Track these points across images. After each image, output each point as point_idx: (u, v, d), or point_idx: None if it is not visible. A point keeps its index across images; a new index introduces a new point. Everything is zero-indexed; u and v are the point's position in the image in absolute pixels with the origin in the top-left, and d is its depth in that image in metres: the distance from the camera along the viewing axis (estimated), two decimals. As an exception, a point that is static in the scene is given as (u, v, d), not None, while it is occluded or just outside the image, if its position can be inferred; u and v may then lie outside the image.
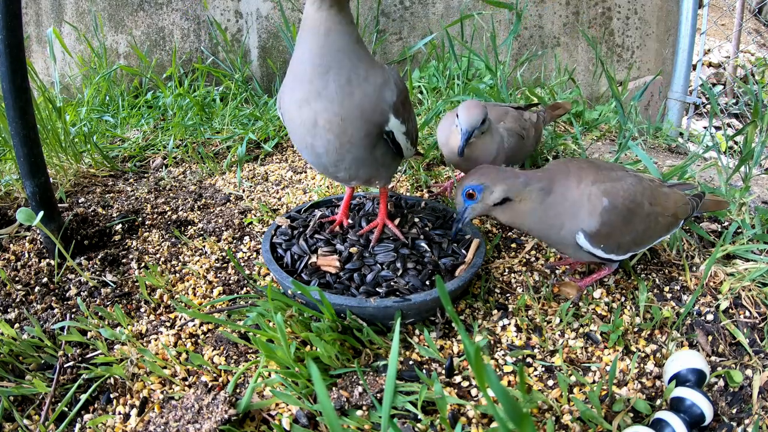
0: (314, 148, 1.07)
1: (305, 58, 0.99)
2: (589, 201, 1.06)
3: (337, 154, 1.06)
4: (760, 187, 1.75)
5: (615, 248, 1.09)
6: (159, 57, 2.72)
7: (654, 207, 1.11)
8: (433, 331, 1.09)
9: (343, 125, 1.02)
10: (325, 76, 0.99)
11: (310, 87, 1.00)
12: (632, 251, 1.12)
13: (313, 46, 0.98)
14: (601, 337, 1.10)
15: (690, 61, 2.94)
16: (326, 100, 1.00)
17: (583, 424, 0.91)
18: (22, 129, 1.17)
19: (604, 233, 1.06)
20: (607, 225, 1.06)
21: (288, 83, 1.05)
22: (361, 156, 1.08)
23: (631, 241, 1.10)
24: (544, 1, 2.69)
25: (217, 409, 0.86)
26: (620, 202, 1.06)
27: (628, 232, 1.08)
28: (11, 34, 1.11)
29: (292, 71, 1.03)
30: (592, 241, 1.06)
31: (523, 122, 1.47)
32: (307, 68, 0.99)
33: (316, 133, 1.03)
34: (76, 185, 1.76)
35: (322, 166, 1.12)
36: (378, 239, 1.21)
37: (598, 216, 1.05)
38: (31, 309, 1.18)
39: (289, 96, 1.05)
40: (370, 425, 0.88)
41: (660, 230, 1.13)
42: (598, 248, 1.07)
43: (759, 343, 1.09)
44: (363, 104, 1.02)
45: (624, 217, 1.07)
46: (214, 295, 1.22)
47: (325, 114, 1.01)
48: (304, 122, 1.03)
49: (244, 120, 2.26)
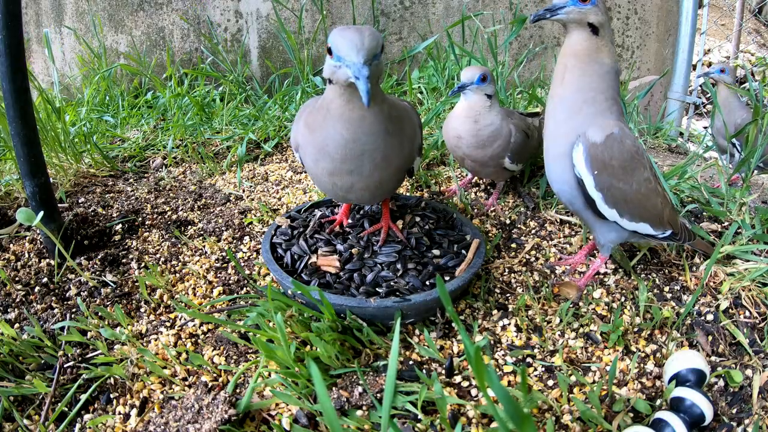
0: (345, 197, 1.10)
1: (336, 143, 0.97)
2: (604, 116, 1.06)
3: (366, 200, 1.12)
4: (761, 187, 1.75)
5: (606, 187, 1.06)
6: (159, 57, 2.72)
7: (653, 184, 1.10)
8: (433, 331, 1.09)
9: (380, 184, 1.06)
10: (359, 158, 0.99)
11: (342, 166, 1.00)
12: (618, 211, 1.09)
13: (344, 132, 0.96)
14: (601, 337, 1.10)
15: (690, 61, 2.95)
16: (362, 176, 1.01)
17: (583, 424, 0.91)
18: (22, 129, 1.17)
19: (602, 160, 1.05)
20: (608, 150, 1.04)
21: (310, 150, 1.03)
22: (385, 194, 1.14)
23: (622, 196, 1.07)
24: (544, 1, 2.69)
25: (217, 409, 0.86)
26: (628, 142, 1.06)
27: (624, 181, 1.07)
28: (11, 34, 1.11)
29: (317, 145, 1.00)
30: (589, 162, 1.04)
31: (528, 124, 1.49)
32: (339, 151, 0.98)
33: (351, 191, 1.06)
34: (76, 185, 1.76)
35: (345, 202, 1.16)
36: (385, 241, 1.21)
37: (606, 135, 1.04)
38: (31, 309, 1.18)
39: (314, 162, 1.04)
40: (370, 425, 0.88)
41: (650, 212, 1.11)
42: (591, 175, 1.05)
43: (759, 343, 1.09)
44: (399, 166, 1.07)
45: (625, 160, 1.05)
46: (214, 295, 1.22)
47: (362, 183, 1.03)
48: (336, 185, 1.05)
49: (243, 120, 2.26)
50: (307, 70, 2.53)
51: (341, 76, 0.90)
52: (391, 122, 1.01)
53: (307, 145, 1.04)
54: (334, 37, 0.88)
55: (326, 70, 0.93)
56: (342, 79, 0.90)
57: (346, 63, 0.87)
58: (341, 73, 0.89)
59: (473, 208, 1.55)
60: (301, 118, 1.10)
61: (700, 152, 1.83)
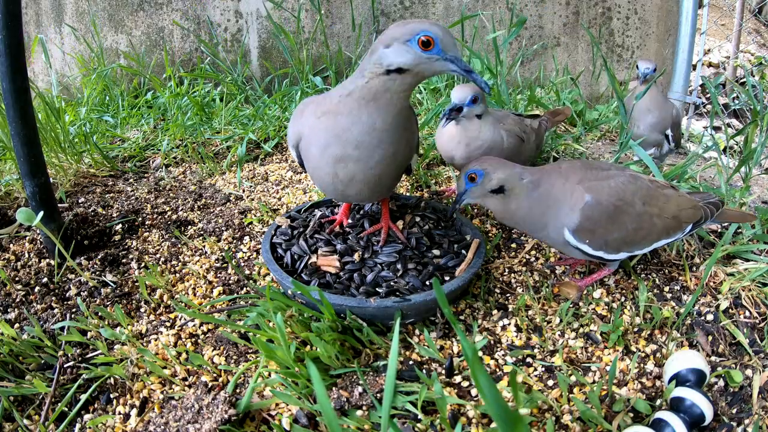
0: (344, 192, 1.10)
1: (362, 129, 0.98)
2: (572, 197, 1.08)
3: (365, 196, 1.12)
4: (760, 187, 1.75)
5: (603, 245, 1.09)
6: (159, 57, 2.72)
7: (649, 207, 1.10)
8: (433, 331, 1.09)
9: (380, 180, 1.07)
10: (376, 149, 1.00)
11: (355, 153, 1.00)
12: (625, 251, 1.12)
13: (377, 120, 0.97)
14: (601, 337, 1.10)
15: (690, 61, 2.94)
16: (367, 166, 1.02)
17: (583, 424, 0.91)
18: (22, 129, 1.17)
19: (588, 229, 1.07)
20: (589, 221, 1.07)
21: (321, 136, 1.02)
22: (384, 191, 1.14)
23: (621, 240, 1.10)
24: (544, 1, 2.69)
25: (217, 409, 0.86)
26: (605, 198, 1.07)
27: (616, 230, 1.09)
28: (11, 34, 1.11)
29: (335, 130, 1.00)
30: (576, 237, 1.08)
31: (524, 126, 1.48)
32: (360, 138, 0.99)
33: (351, 184, 1.06)
34: (76, 185, 1.76)
35: (344, 200, 1.16)
36: (385, 241, 1.21)
37: (579, 211, 1.07)
38: (31, 309, 1.18)
39: (322, 149, 1.03)
40: (370, 425, 0.88)
41: (657, 232, 1.12)
42: (584, 243, 1.08)
43: (759, 343, 1.09)
44: (400, 162, 1.08)
45: (609, 215, 1.07)
46: (214, 295, 1.22)
47: (363, 174, 1.04)
48: (338, 176, 1.05)
49: (243, 120, 2.26)
50: (307, 70, 2.53)
51: (437, 67, 0.92)
52: (408, 120, 1.05)
53: (317, 132, 1.04)
54: (434, 29, 0.90)
55: (406, 59, 0.91)
56: (434, 70, 0.92)
57: (449, 57, 0.90)
58: (438, 66, 0.92)
59: (473, 208, 1.55)
60: (306, 109, 1.09)
61: (700, 152, 1.83)
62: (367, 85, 0.95)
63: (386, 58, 0.92)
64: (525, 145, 1.46)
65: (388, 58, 0.92)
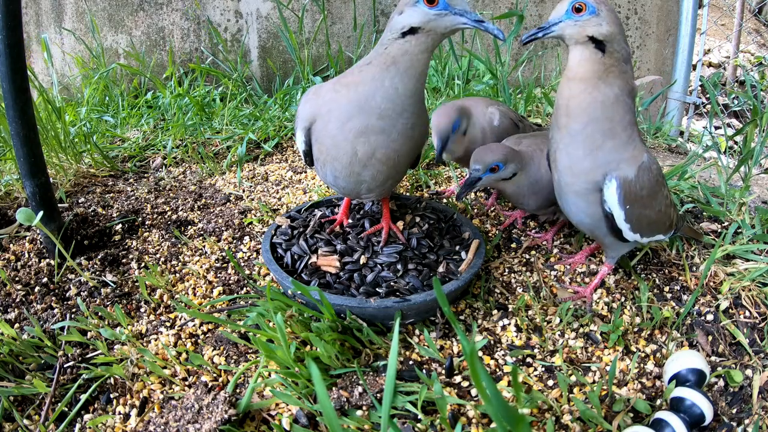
0: (359, 176, 1.09)
1: (387, 95, 0.98)
2: (632, 150, 1.00)
3: (380, 182, 1.11)
4: (760, 187, 1.75)
5: (634, 218, 1.02)
6: (159, 57, 2.72)
7: (667, 192, 1.10)
8: (433, 331, 1.09)
9: (398, 159, 1.07)
10: (398, 118, 1.01)
11: (378, 123, 1.00)
12: (646, 234, 1.06)
13: (400, 85, 0.98)
14: (601, 337, 1.10)
15: (690, 61, 2.94)
16: (389, 138, 1.03)
17: (583, 424, 0.91)
18: (22, 129, 1.17)
19: (635, 193, 1.00)
20: (639, 184, 0.99)
21: (343, 109, 1.01)
22: (396, 178, 1.15)
23: (647, 220, 1.04)
24: (544, 1, 2.69)
25: (217, 409, 0.86)
26: (654, 167, 1.02)
27: (650, 206, 1.03)
28: (11, 34, 1.11)
29: (358, 100, 1.00)
30: (622, 198, 0.99)
31: (518, 116, 1.49)
32: (385, 104, 0.99)
33: (369, 164, 1.06)
34: (76, 185, 1.76)
35: (353, 191, 1.15)
36: (386, 241, 1.21)
37: (636, 168, 0.99)
38: (31, 309, 1.18)
39: (343, 123, 1.02)
40: (370, 425, 0.88)
41: (668, 223, 1.10)
42: (624, 209, 1.00)
43: (759, 343, 1.09)
44: (417, 140, 1.09)
45: (653, 186, 1.01)
46: (214, 295, 1.22)
47: (383, 149, 1.04)
48: (357, 154, 1.04)
49: (243, 120, 2.26)
50: (308, 70, 2.53)
51: (446, 23, 0.94)
52: (422, 100, 1.07)
53: (338, 105, 1.02)
54: None
55: (416, 18, 0.94)
56: (445, 26, 0.94)
57: (457, 11, 0.93)
58: (447, 20, 0.94)
59: (473, 208, 1.55)
60: (322, 88, 1.09)
61: (700, 152, 1.83)
62: (386, 51, 0.98)
63: (399, 22, 0.96)
64: (519, 131, 1.46)
65: (400, 22, 0.96)
